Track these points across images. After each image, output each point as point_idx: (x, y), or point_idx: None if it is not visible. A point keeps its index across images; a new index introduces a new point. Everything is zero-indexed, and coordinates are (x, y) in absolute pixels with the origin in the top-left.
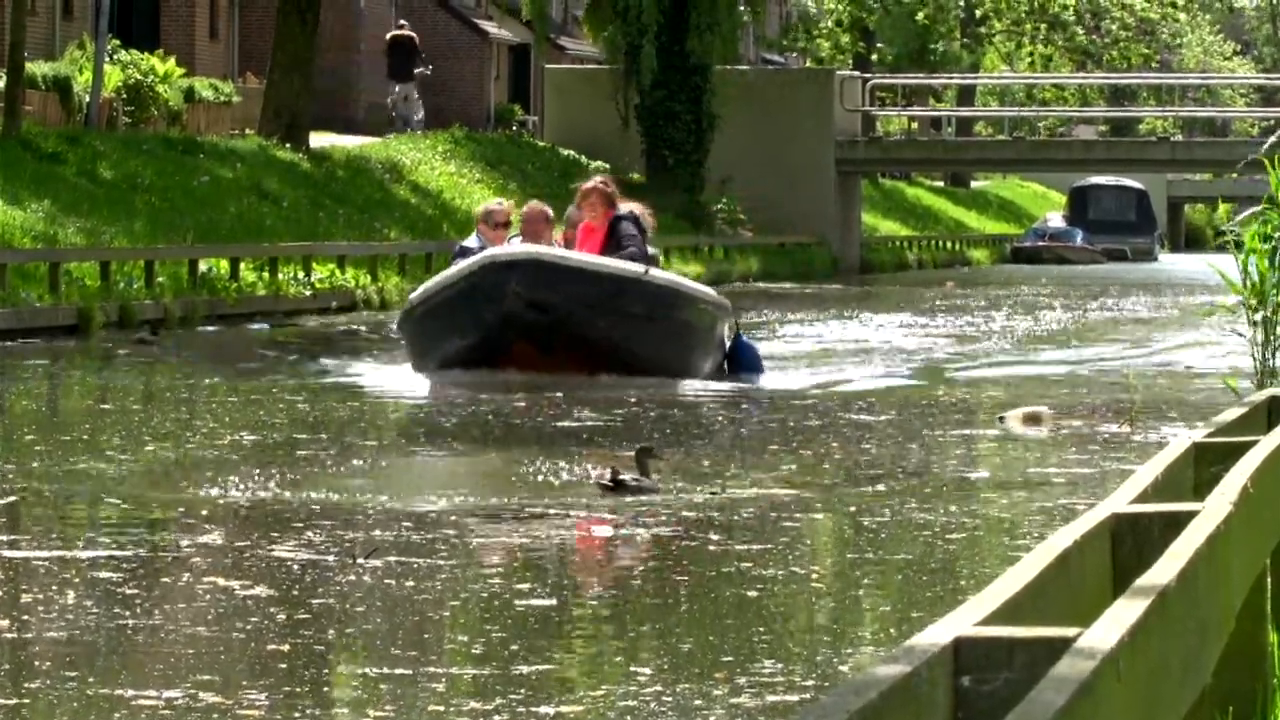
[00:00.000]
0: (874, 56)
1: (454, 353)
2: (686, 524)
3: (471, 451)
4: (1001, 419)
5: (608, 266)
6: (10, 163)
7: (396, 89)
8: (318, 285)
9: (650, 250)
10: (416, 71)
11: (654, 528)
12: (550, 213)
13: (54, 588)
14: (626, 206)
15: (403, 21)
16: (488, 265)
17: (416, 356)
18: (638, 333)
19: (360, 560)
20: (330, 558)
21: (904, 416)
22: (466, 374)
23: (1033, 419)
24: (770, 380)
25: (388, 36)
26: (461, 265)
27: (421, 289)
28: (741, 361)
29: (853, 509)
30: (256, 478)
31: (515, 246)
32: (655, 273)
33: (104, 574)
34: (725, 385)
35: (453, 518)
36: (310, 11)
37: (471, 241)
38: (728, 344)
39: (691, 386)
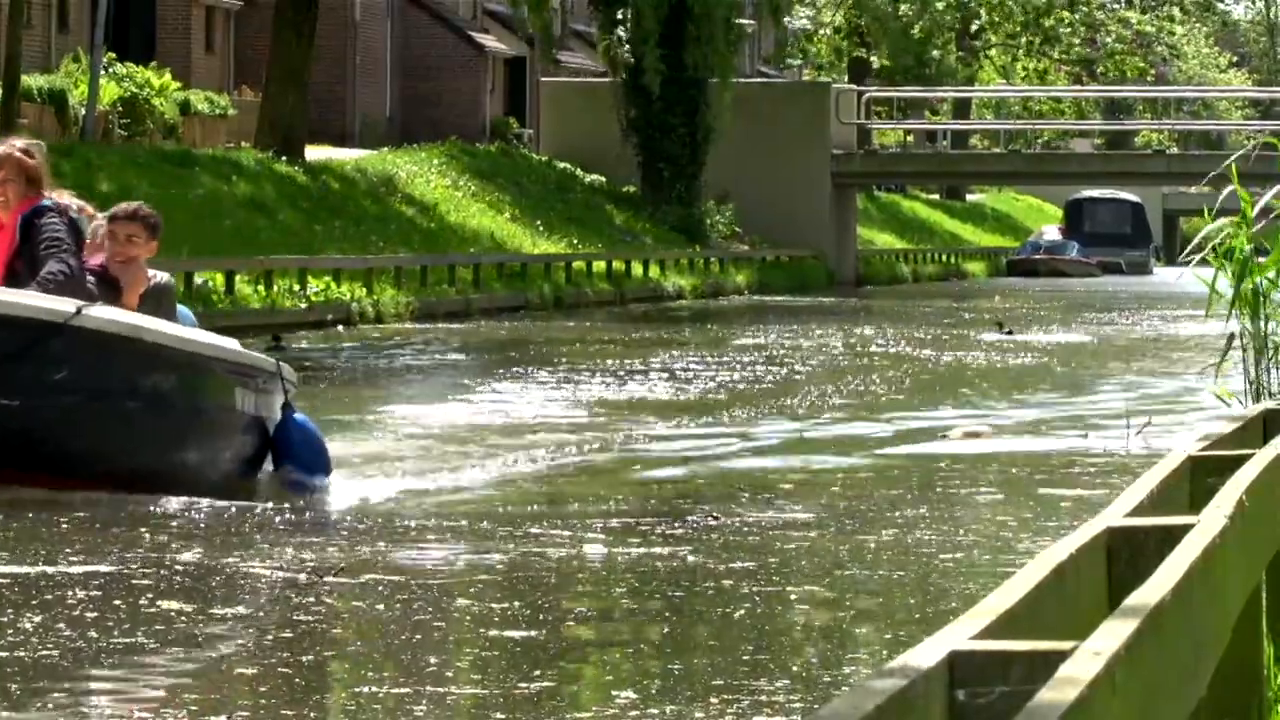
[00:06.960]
0: (871, 58)
1: None
2: (678, 543)
3: None
4: (944, 436)
5: (6, 305)
6: None
7: None
8: (313, 298)
9: (157, 278)
10: None
11: (644, 547)
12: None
13: (15, 608)
14: (58, 195)
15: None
16: None
17: None
18: (68, 413)
19: (330, 577)
20: (301, 575)
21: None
22: None
23: (972, 438)
24: (346, 484)
25: None
26: None
27: None
28: (290, 454)
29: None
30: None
31: None
32: (97, 312)
33: (77, 592)
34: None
35: (438, 537)
36: (306, 25)
37: None
38: (270, 427)
39: (172, 502)
